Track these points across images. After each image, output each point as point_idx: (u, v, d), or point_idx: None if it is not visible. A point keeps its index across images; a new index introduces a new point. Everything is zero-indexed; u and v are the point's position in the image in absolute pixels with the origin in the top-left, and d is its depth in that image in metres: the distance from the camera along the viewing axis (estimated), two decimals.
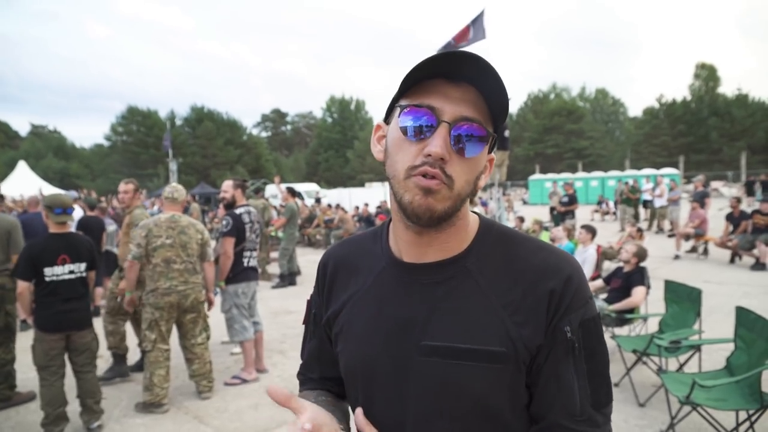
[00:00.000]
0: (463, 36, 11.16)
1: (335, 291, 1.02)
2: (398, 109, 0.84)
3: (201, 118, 52.67)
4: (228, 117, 55.45)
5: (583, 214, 18.43)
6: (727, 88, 66.11)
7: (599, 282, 5.72)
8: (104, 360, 5.09)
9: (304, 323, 1.11)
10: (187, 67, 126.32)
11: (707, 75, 50.58)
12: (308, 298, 1.11)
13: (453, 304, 0.87)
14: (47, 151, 57.64)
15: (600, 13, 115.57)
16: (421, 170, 0.79)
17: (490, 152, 0.89)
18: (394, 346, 0.89)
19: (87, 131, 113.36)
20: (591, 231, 7.00)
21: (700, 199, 11.65)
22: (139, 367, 5.04)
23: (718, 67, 51.30)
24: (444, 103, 0.80)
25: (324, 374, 1.08)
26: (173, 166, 20.17)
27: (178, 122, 53.02)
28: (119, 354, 4.98)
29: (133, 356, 5.27)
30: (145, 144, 48.97)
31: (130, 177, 5.50)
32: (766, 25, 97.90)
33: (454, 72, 0.79)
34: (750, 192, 23.13)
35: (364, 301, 0.96)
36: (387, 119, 0.91)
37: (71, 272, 3.80)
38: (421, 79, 0.81)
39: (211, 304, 4.63)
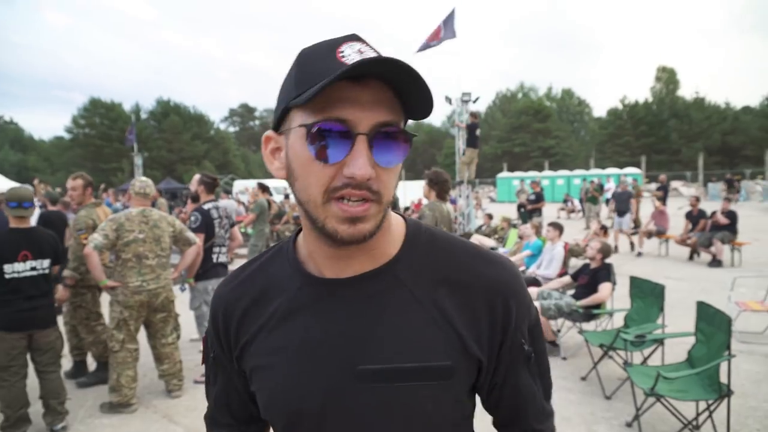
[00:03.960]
0: (435, 35, 11.24)
1: (243, 325, 0.87)
2: (302, 129, 0.70)
3: (167, 111, 51.63)
4: (195, 111, 54.53)
5: (550, 211, 18.78)
6: (686, 91, 68.26)
7: (567, 278, 5.86)
8: (68, 360, 4.95)
9: (203, 363, 0.99)
10: (151, 59, 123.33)
11: (668, 78, 52.30)
12: (203, 335, 0.98)
13: (388, 319, 0.77)
14: (3, 142, 55.61)
15: (565, 16, 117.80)
16: (344, 193, 0.69)
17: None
18: (325, 375, 0.78)
19: (45, 123, 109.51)
20: (558, 228, 7.14)
21: (626, 200, 12.07)
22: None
23: (677, 71, 53.06)
24: (356, 112, 0.68)
25: (237, 417, 0.96)
26: (138, 160, 19.65)
27: (144, 115, 51.84)
28: (102, 361, 4.73)
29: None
30: (109, 137, 47.64)
31: (93, 171, 5.20)
32: (722, 30, 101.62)
33: (352, 69, 0.65)
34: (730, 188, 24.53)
35: (279, 329, 0.82)
36: (278, 128, 0.78)
37: (33, 269, 3.66)
38: (323, 85, 0.66)
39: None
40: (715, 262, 9.63)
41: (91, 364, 4.93)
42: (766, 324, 5.62)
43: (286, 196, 21.58)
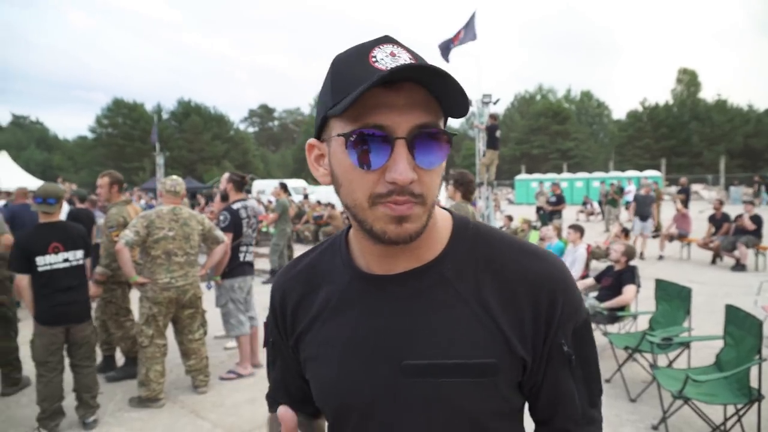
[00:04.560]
0: (457, 38, 11.27)
1: (298, 315, 0.92)
2: (341, 138, 0.72)
3: (188, 112, 52.30)
4: (215, 111, 55.15)
5: (569, 214, 18.65)
6: (708, 93, 67.22)
7: (590, 280, 5.83)
8: (97, 354, 5.05)
9: (264, 347, 1.03)
10: (172, 60, 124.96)
11: (689, 80, 51.55)
12: (265, 320, 1.03)
13: (433, 316, 0.79)
14: (29, 142, 56.79)
15: (584, 17, 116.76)
16: (391, 200, 0.71)
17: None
18: (372, 369, 0.81)
19: (69, 122, 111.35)
20: (579, 230, 7.11)
21: (649, 204, 11.65)
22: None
23: (699, 73, 52.31)
24: (393, 116, 0.69)
25: (294, 398, 0.99)
26: (160, 160, 19.92)
27: (165, 116, 52.56)
28: (131, 356, 4.83)
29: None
30: (131, 137, 48.44)
31: (115, 170, 5.22)
32: (743, 32, 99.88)
33: (389, 75, 0.66)
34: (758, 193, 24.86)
35: (331, 321, 0.86)
36: (319, 136, 0.81)
37: (66, 260, 3.73)
38: (356, 96, 0.68)
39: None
40: (739, 266, 9.49)
41: (120, 358, 5.05)
42: None
43: (306, 197, 21.71)
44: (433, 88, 0.70)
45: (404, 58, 0.72)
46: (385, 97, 0.69)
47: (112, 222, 4.61)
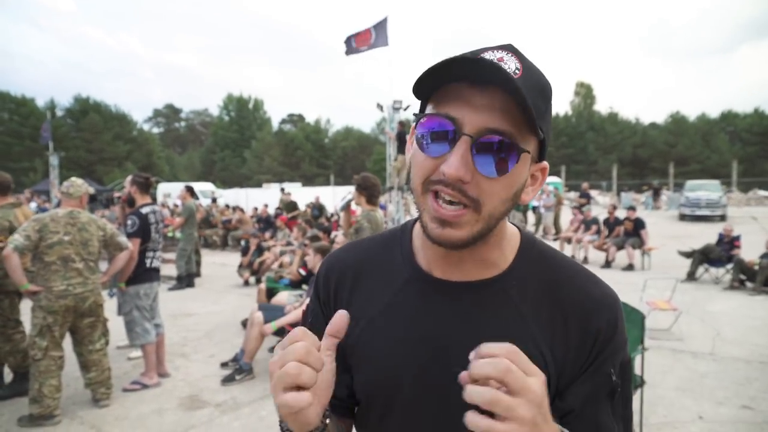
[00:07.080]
0: (364, 40, 11.38)
1: (342, 304, 0.91)
2: (415, 118, 0.75)
3: (86, 109, 48.81)
4: (117, 110, 51.96)
5: None
6: (602, 106, 72.54)
7: None
8: None
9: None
10: (69, 54, 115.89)
11: (585, 93, 55.45)
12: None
13: (492, 331, 0.78)
14: None
15: (490, 32, 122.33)
16: (437, 188, 0.72)
17: (540, 160, 0.78)
18: (425, 372, 0.81)
19: None
20: None
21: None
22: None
23: (594, 87, 56.50)
24: (466, 112, 0.69)
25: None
26: (54, 160, 18.44)
27: (60, 113, 48.73)
28: (21, 372, 4.44)
29: None
30: (20, 134, 44.39)
31: (0, 170, 4.79)
32: (631, 53, 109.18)
33: (478, 75, 0.68)
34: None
35: (384, 319, 0.85)
36: None
37: None
38: (444, 83, 0.71)
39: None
40: (629, 266, 10.36)
41: (8, 374, 4.63)
42: (671, 321, 6.13)
43: (214, 200, 21.04)
44: (515, 92, 0.67)
45: (511, 67, 0.71)
46: (467, 93, 0.70)
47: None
